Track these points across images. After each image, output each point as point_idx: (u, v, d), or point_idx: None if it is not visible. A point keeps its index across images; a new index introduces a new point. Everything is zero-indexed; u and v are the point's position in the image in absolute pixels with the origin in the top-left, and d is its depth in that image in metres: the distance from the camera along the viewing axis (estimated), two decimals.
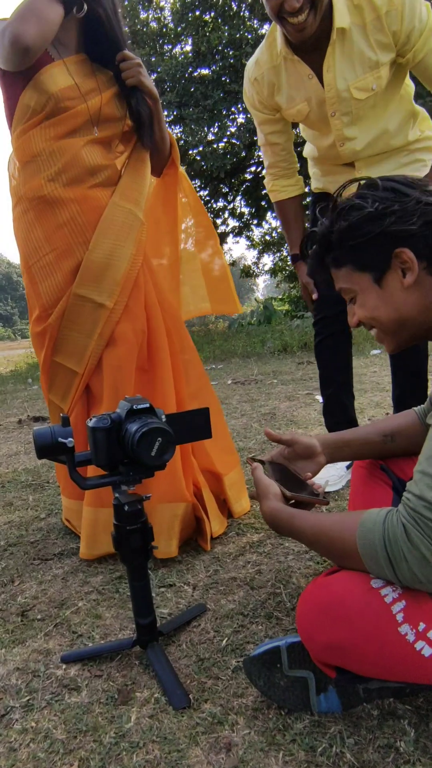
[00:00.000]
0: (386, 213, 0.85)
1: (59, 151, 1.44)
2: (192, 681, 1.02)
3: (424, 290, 0.87)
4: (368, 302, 0.91)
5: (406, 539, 0.71)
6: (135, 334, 1.52)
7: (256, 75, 1.68)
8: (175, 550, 1.51)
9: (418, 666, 0.73)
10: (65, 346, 1.53)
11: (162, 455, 0.94)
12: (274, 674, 0.89)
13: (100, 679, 1.06)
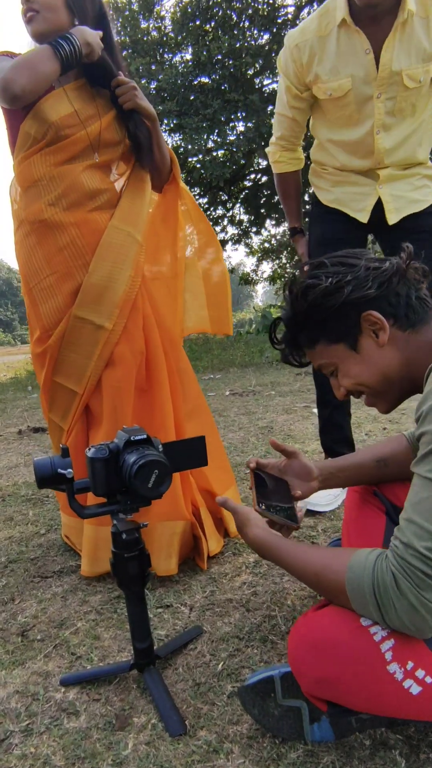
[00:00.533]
0: (342, 284, 0.89)
1: (59, 177, 1.47)
2: (188, 706, 1.04)
3: (399, 345, 0.90)
4: (351, 370, 0.94)
5: (395, 587, 0.72)
6: (133, 355, 1.55)
7: (299, 42, 1.65)
8: (175, 568, 1.53)
9: (407, 703, 0.74)
10: (65, 367, 1.56)
11: (159, 486, 0.97)
12: (268, 703, 0.91)
13: (98, 703, 1.08)
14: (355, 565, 0.78)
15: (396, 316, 0.90)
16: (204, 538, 1.58)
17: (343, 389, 0.98)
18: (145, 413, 1.56)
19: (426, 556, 0.70)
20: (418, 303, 0.90)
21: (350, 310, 0.90)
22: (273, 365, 6.25)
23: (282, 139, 1.89)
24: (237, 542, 1.73)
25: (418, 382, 0.92)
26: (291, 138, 1.88)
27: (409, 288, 0.90)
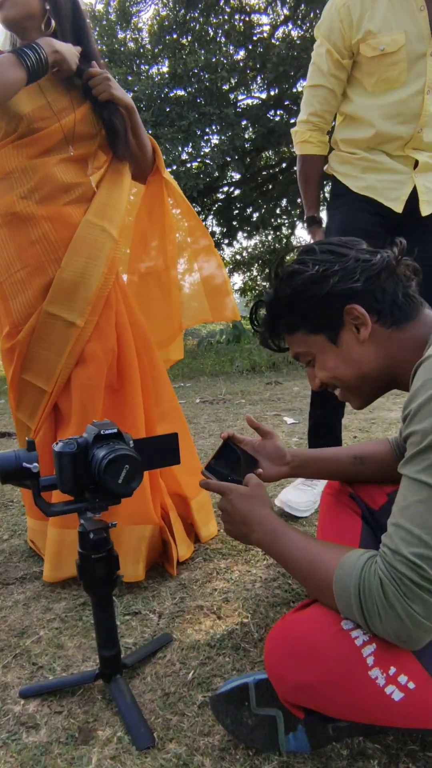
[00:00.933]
0: (328, 274, 0.86)
1: (32, 169, 1.42)
2: (157, 717, 0.98)
3: (381, 342, 0.87)
4: (328, 363, 0.91)
5: (381, 594, 0.69)
6: (105, 353, 1.50)
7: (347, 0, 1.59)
8: (142, 574, 1.48)
9: (388, 710, 0.71)
10: (34, 364, 1.50)
11: (129, 482, 0.92)
12: (242, 712, 0.86)
13: (60, 715, 1.01)
14: (345, 563, 0.74)
15: (380, 313, 0.87)
16: (173, 543, 1.53)
17: (318, 381, 0.95)
18: (116, 413, 1.51)
19: (414, 563, 0.66)
20: (405, 300, 0.87)
21: (334, 302, 0.87)
22: (243, 374, 6.24)
23: (315, 115, 1.75)
24: (208, 548, 1.68)
25: (397, 378, 0.90)
26: (324, 114, 1.75)
27: (397, 284, 0.87)
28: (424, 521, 0.66)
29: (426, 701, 0.71)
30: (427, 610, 0.66)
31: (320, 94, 1.73)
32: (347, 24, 1.61)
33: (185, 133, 9.44)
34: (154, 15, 10.64)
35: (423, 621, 0.67)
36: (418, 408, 0.70)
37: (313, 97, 1.74)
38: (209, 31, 10.14)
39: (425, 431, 0.68)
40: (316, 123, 1.77)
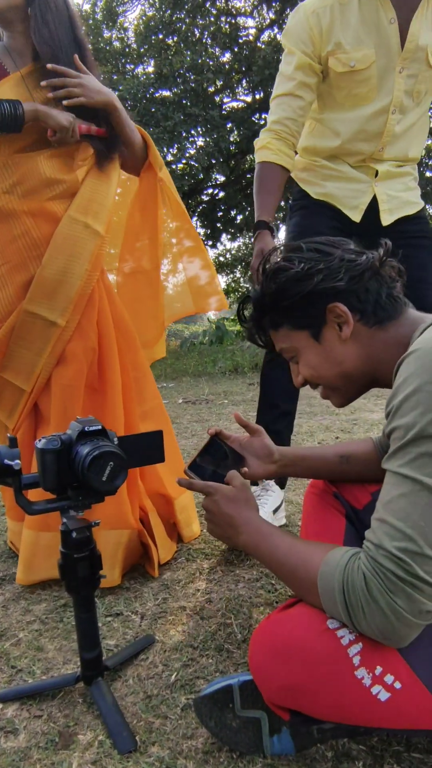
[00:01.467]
0: (313, 272, 0.87)
1: (14, 164, 1.39)
2: (139, 721, 0.96)
3: (363, 341, 0.88)
4: (310, 359, 0.92)
5: (365, 589, 0.68)
6: (85, 352, 1.47)
7: (317, 8, 1.51)
8: (118, 579, 1.45)
9: (375, 710, 0.70)
10: (13, 363, 1.46)
11: (113, 480, 0.90)
12: (226, 715, 0.85)
13: (40, 719, 0.99)
14: (330, 561, 0.74)
15: (363, 312, 0.87)
16: (153, 545, 1.51)
17: (301, 377, 0.96)
18: (95, 413, 1.49)
19: (398, 557, 0.66)
20: (389, 301, 0.88)
21: (317, 300, 0.88)
22: (226, 375, 6.24)
23: (279, 122, 1.61)
24: (190, 548, 1.66)
25: (379, 377, 0.91)
26: (290, 123, 1.60)
27: (381, 285, 0.88)
28: (407, 515, 0.66)
29: (412, 701, 0.71)
30: (410, 605, 0.66)
31: (288, 102, 1.60)
32: (317, 32, 1.54)
33: (170, 134, 9.43)
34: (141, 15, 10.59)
35: (407, 616, 0.66)
36: (400, 403, 0.70)
37: (280, 104, 1.62)
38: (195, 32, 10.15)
39: (408, 426, 0.68)
40: (278, 132, 1.62)
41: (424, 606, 0.66)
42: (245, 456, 1.16)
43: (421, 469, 0.66)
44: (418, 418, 0.67)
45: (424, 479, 0.66)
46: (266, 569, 1.51)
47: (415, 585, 0.65)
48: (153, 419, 1.61)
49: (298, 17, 1.56)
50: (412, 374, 0.70)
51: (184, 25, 10.16)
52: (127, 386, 1.54)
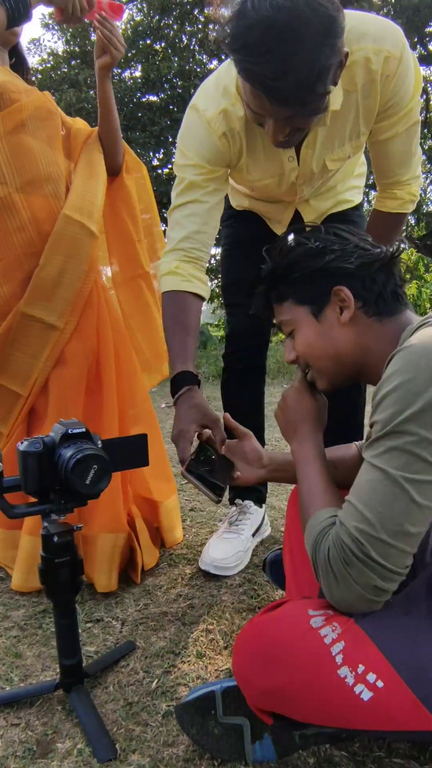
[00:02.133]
0: (326, 251, 0.91)
1: (11, 151, 1.36)
2: (119, 728, 0.95)
3: (360, 329, 0.90)
4: (307, 335, 0.94)
5: (326, 557, 0.75)
6: (86, 353, 1.46)
7: (225, 129, 1.25)
8: (115, 584, 1.43)
9: (357, 710, 0.70)
10: (9, 367, 1.42)
11: (97, 483, 0.89)
12: (208, 721, 0.84)
13: (17, 728, 0.97)
14: (318, 516, 0.81)
15: (365, 300, 0.90)
16: (139, 549, 1.49)
17: (294, 354, 0.97)
18: (92, 415, 1.47)
19: (354, 537, 0.71)
20: (392, 297, 0.90)
21: (325, 278, 0.90)
22: (209, 380, 6.24)
23: (188, 239, 1.30)
24: (172, 553, 1.65)
25: (366, 370, 0.93)
26: (201, 237, 1.31)
27: (388, 279, 0.91)
28: (369, 500, 0.71)
29: (394, 700, 0.71)
30: (361, 578, 0.71)
31: (192, 212, 1.31)
32: (226, 154, 1.30)
33: (156, 139, 9.45)
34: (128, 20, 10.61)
35: (356, 586, 0.72)
36: (382, 398, 0.74)
37: (185, 218, 1.31)
38: (183, 39, 10.20)
39: (385, 420, 0.72)
40: (187, 251, 1.31)
41: (374, 582, 0.71)
42: (234, 460, 1.16)
43: (390, 461, 0.70)
44: (395, 415, 0.70)
45: (390, 471, 0.70)
46: (248, 575, 1.50)
47: (367, 563, 0.70)
48: (142, 422, 1.60)
49: (202, 134, 1.27)
50: (397, 371, 0.73)
51: (172, 32, 10.22)
52: (121, 388, 1.53)
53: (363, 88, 1.19)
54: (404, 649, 0.72)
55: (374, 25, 1.16)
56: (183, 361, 1.24)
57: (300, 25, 0.89)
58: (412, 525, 0.69)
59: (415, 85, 1.24)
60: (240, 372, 1.71)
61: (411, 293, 8.30)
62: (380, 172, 1.41)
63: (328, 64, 0.95)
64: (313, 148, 1.28)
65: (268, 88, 0.96)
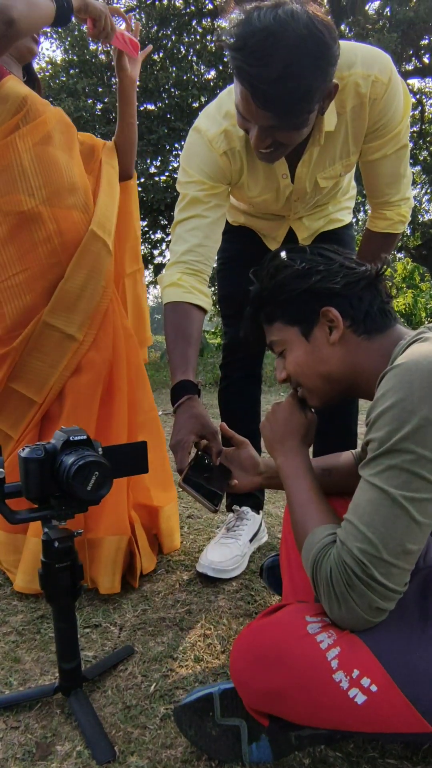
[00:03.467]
0: (312, 271, 0.92)
1: (39, 162, 1.40)
2: (118, 731, 0.96)
3: (349, 348, 0.92)
4: (297, 355, 0.96)
5: (328, 577, 0.75)
6: (103, 362, 1.49)
7: (226, 148, 1.30)
8: (118, 586, 1.44)
9: (352, 713, 0.72)
10: (25, 374, 1.45)
11: (98, 490, 0.91)
12: (206, 723, 0.86)
13: (17, 731, 0.98)
14: (316, 533, 0.81)
15: (354, 319, 0.91)
16: (138, 554, 1.51)
17: (285, 373, 0.99)
18: (104, 422, 1.50)
19: (357, 558, 0.72)
20: (379, 314, 0.92)
21: (313, 298, 0.92)
22: (206, 388, 6.26)
23: (190, 252, 1.33)
24: (170, 559, 1.67)
25: (357, 386, 0.95)
26: (203, 250, 1.34)
27: (374, 297, 0.92)
28: (370, 520, 0.72)
29: (387, 704, 0.73)
30: (363, 601, 0.72)
31: (195, 226, 1.34)
32: (228, 172, 1.35)
33: (154, 147, 9.51)
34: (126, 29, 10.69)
35: (357, 609, 0.73)
36: (377, 417, 0.75)
37: (187, 231, 1.34)
38: (181, 49, 10.29)
39: (381, 439, 0.73)
40: (190, 263, 1.33)
41: (375, 603, 0.72)
42: (231, 468, 1.18)
43: (389, 480, 0.71)
44: (391, 433, 0.71)
45: (389, 490, 0.71)
46: (245, 581, 1.52)
47: (369, 585, 0.71)
48: (148, 431, 1.62)
49: (204, 152, 1.32)
50: (390, 389, 0.74)
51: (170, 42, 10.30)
52: (131, 397, 1.56)
53: (352, 110, 1.26)
54: (398, 653, 0.74)
55: (363, 52, 1.23)
56: (184, 370, 1.25)
57: (298, 41, 0.97)
58: (413, 543, 0.71)
59: (404, 111, 1.30)
60: (237, 380, 1.76)
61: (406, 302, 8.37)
62: (371, 191, 1.47)
63: (316, 85, 1.03)
64: (309, 166, 1.34)
65: (256, 90, 1.03)
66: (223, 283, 1.74)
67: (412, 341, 0.84)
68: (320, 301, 0.91)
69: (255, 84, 1.02)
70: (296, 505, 0.89)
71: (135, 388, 1.58)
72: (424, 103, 11.49)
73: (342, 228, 1.65)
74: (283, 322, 0.96)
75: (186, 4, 10.36)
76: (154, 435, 1.63)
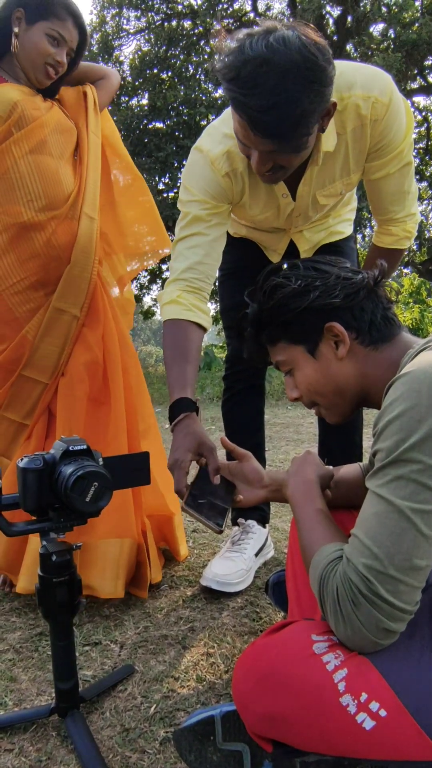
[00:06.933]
0: (309, 288, 0.90)
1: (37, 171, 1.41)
2: (115, 755, 0.92)
3: (358, 360, 0.90)
4: (307, 374, 0.94)
5: (335, 595, 0.71)
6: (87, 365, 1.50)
7: (228, 170, 1.30)
8: (122, 591, 1.40)
9: (359, 740, 0.68)
10: (37, 360, 1.48)
11: (97, 501, 0.88)
12: (207, 747, 0.82)
13: (11, 754, 0.94)
14: (323, 552, 0.78)
15: (359, 331, 0.89)
16: (149, 564, 1.47)
17: (297, 392, 0.97)
18: (99, 426, 1.50)
19: (363, 575, 0.69)
20: (383, 322, 0.90)
21: (314, 316, 0.90)
22: (214, 401, 6.23)
23: (191, 269, 1.31)
24: (174, 575, 1.63)
25: (369, 397, 0.92)
26: (204, 268, 1.32)
27: (376, 305, 0.90)
28: (376, 534, 0.69)
29: (398, 730, 0.69)
30: (369, 621, 0.68)
31: (195, 244, 1.32)
32: (229, 192, 1.34)
33: (162, 164, 9.63)
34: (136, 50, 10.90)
35: (363, 630, 0.69)
36: (384, 426, 0.72)
37: (188, 249, 1.32)
38: (190, 68, 10.45)
39: (389, 449, 0.70)
40: (190, 281, 1.31)
41: (382, 624, 0.68)
42: (235, 483, 1.15)
43: (396, 491, 0.69)
44: (399, 443, 0.69)
45: (396, 501, 0.68)
46: (250, 597, 1.48)
47: (375, 602, 0.67)
48: (149, 439, 1.61)
49: (207, 173, 1.31)
50: (397, 398, 0.72)
51: (179, 61, 10.48)
52: (130, 401, 1.55)
53: (353, 131, 1.26)
54: (408, 676, 0.70)
55: (363, 73, 1.23)
56: (182, 388, 1.22)
57: (290, 66, 0.98)
58: (421, 558, 0.68)
59: (407, 130, 1.30)
60: (240, 392, 1.75)
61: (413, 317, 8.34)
62: (375, 209, 1.46)
63: (312, 108, 1.03)
64: (309, 185, 1.34)
65: (252, 119, 1.03)
66: (224, 295, 1.74)
67: (421, 349, 0.82)
68: (322, 317, 0.89)
69: (251, 113, 1.02)
70: (304, 530, 0.86)
71: (135, 394, 1.57)
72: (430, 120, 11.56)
73: (343, 240, 1.65)
74: (286, 341, 0.94)
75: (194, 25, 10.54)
76: (153, 444, 1.63)
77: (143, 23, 10.81)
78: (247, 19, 10.70)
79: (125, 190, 1.77)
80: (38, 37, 1.39)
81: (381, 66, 1.32)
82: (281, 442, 3.74)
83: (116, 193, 1.74)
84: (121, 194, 1.75)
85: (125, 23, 10.97)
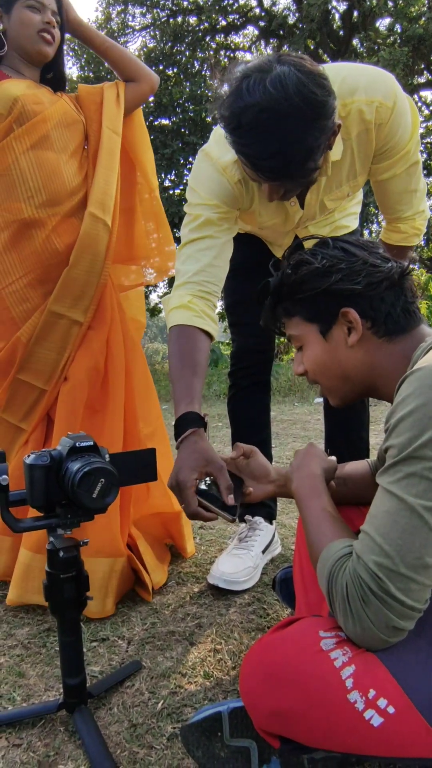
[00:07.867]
0: (332, 270, 0.88)
1: (37, 167, 1.40)
2: (123, 750, 0.93)
3: (369, 349, 0.89)
4: (315, 353, 0.93)
5: (344, 593, 0.70)
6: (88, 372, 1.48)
7: (240, 177, 1.27)
8: (112, 608, 1.39)
9: (367, 737, 0.68)
10: (33, 364, 1.46)
11: (104, 497, 0.88)
12: (214, 744, 0.81)
13: (19, 749, 0.95)
14: (331, 548, 0.77)
15: (374, 320, 0.87)
16: (145, 570, 1.47)
17: (302, 368, 0.96)
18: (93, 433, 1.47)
19: (373, 572, 0.68)
20: (403, 315, 0.88)
21: (332, 298, 0.88)
22: (221, 398, 6.23)
23: (201, 272, 1.26)
24: (181, 571, 1.63)
25: (377, 387, 0.91)
26: (214, 270, 1.28)
27: (397, 297, 0.88)
28: (387, 531, 0.68)
29: (406, 727, 0.68)
30: (378, 619, 0.68)
31: (205, 246, 1.29)
32: (240, 199, 1.33)
33: (168, 161, 9.61)
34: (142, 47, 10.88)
35: (373, 628, 0.68)
36: (397, 422, 0.71)
37: (198, 251, 1.28)
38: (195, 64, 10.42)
39: (402, 445, 0.69)
40: (201, 284, 1.26)
41: (391, 622, 0.67)
42: (243, 477, 1.15)
43: (408, 488, 0.68)
44: (412, 440, 0.68)
45: (408, 498, 0.67)
46: (258, 593, 1.48)
47: (385, 600, 0.67)
48: (154, 441, 1.60)
49: (218, 178, 1.29)
50: (411, 394, 0.71)
51: (184, 58, 10.45)
52: (131, 407, 1.53)
53: (358, 136, 1.25)
54: (417, 673, 0.70)
55: (365, 77, 1.21)
56: (189, 402, 1.16)
57: (291, 109, 0.96)
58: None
59: (413, 130, 1.29)
60: (246, 388, 1.74)
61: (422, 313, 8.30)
62: (383, 208, 1.46)
63: (317, 144, 1.03)
64: (317, 193, 1.34)
65: (257, 167, 1.04)
66: (229, 291, 1.72)
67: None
68: (340, 301, 0.88)
69: (256, 162, 1.03)
70: (311, 525, 0.85)
71: (141, 398, 1.56)
72: None
73: (348, 234, 1.62)
74: (301, 317, 0.94)
75: (199, 21, 10.52)
76: (159, 446, 1.60)
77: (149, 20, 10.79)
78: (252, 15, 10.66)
79: None
80: (21, 14, 1.41)
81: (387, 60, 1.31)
82: (288, 438, 3.74)
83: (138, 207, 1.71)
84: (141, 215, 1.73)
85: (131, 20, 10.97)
